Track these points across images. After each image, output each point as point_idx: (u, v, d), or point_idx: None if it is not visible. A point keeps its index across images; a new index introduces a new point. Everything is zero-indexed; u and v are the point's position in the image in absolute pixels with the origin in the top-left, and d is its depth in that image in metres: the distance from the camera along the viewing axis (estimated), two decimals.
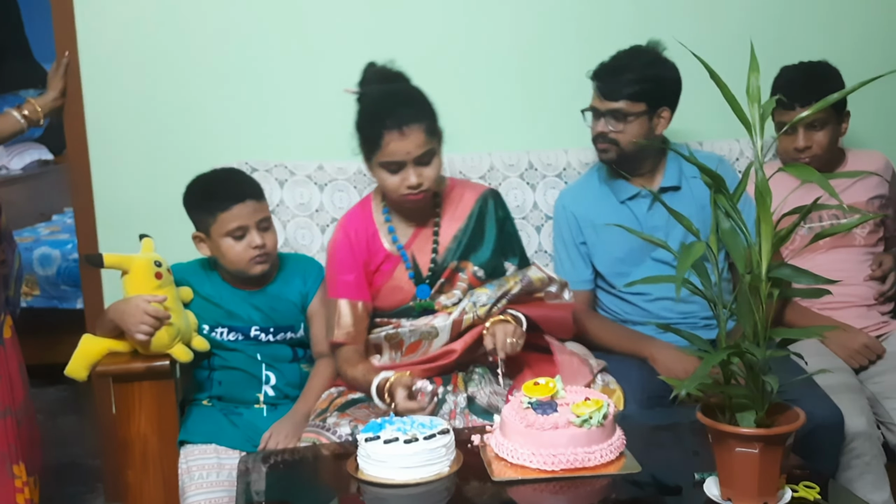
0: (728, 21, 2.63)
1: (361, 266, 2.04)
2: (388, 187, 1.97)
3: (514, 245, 2.14)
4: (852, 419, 1.95)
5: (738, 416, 1.38)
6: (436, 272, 2.05)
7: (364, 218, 2.09)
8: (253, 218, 2.05)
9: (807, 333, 1.83)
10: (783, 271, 1.37)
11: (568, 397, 1.68)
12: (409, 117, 1.91)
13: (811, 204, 1.36)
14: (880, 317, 2.30)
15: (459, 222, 2.07)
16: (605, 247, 2.28)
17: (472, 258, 2.06)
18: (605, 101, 2.18)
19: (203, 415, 2.07)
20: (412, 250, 2.05)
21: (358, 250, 2.05)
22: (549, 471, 1.56)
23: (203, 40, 2.51)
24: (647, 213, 2.23)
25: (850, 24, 2.72)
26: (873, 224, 2.35)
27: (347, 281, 2.04)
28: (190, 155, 2.48)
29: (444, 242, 2.06)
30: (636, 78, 2.14)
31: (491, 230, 2.08)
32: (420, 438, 1.59)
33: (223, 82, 2.53)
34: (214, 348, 2.10)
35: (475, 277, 2.06)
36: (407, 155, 1.92)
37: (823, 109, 2.13)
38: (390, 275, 2.05)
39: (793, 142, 2.26)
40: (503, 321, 1.95)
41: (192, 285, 2.14)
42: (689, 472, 1.54)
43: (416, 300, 2.05)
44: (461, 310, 2.02)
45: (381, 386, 1.85)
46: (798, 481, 1.46)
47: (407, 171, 1.93)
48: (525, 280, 2.03)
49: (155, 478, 2.00)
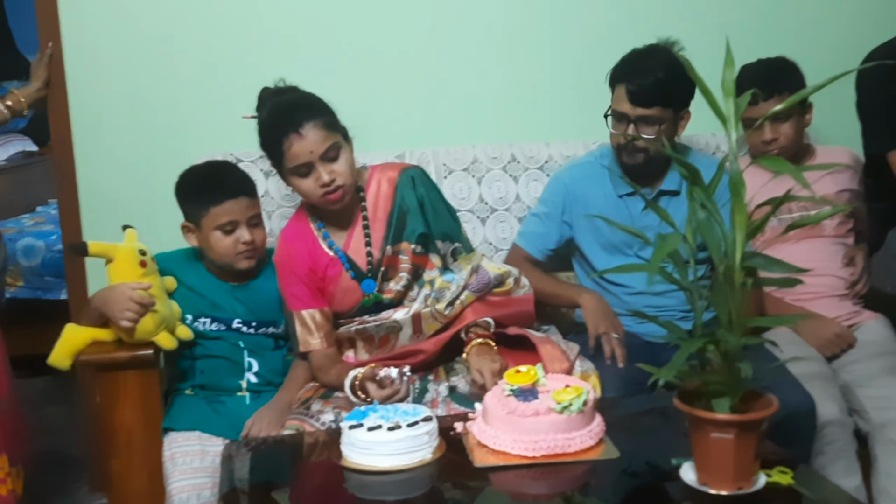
0: (701, 18, 2.66)
1: (306, 277, 2.05)
2: (305, 192, 1.97)
3: (444, 223, 2.11)
4: (825, 406, 1.99)
5: (714, 402, 1.41)
6: (374, 265, 2.06)
7: (300, 229, 2.09)
8: (245, 214, 2.06)
9: (780, 322, 1.86)
10: (756, 261, 1.40)
11: (549, 384, 1.71)
12: (304, 117, 1.92)
13: (784, 195, 1.39)
14: (852, 307, 2.35)
15: (386, 210, 2.07)
16: (595, 235, 2.30)
17: (405, 237, 2.07)
18: (636, 108, 2.12)
19: (186, 403, 2.08)
20: (350, 250, 2.06)
21: (299, 262, 2.05)
22: (530, 457, 1.59)
23: (188, 30, 2.52)
24: (642, 212, 2.24)
25: (816, 20, 2.76)
26: (843, 216, 2.39)
27: (296, 293, 2.05)
28: (175, 146, 2.50)
29: (376, 235, 2.06)
30: (667, 82, 2.09)
31: (413, 206, 2.07)
32: (403, 426, 1.60)
33: (209, 73, 2.53)
34: (197, 337, 2.11)
35: (414, 254, 2.06)
36: (311, 154, 1.92)
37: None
38: (337, 279, 2.06)
39: (760, 136, 2.30)
40: (482, 346, 1.98)
41: (177, 275, 2.15)
42: (666, 457, 1.57)
43: (366, 296, 2.06)
44: (422, 302, 2.05)
45: (353, 384, 1.89)
46: (772, 466, 1.49)
47: (317, 170, 1.93)
48: (485, 276, 2.07)
49: (139, 467, 2.00)
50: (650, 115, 2.13)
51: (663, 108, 2.12)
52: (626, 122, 2.16)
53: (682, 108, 2.17)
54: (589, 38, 2.68)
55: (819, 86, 1.40)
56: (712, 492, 1.43)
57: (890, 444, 2.06)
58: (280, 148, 1.93)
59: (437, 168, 2.50)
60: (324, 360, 2.05)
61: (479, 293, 2.07)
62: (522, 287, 2.14)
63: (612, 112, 2.21)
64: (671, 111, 2.14)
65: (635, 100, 2.12)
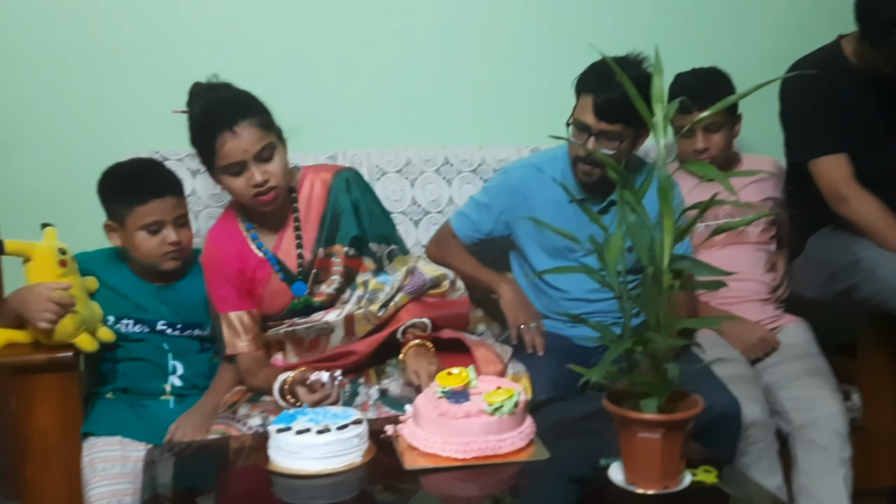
0: (634, 26, 2.70)
1: (234, 278, 2.01)
2: (236, 191, 1.94)
3: (379, 225, 2.10)
4: (748, 408, 2.03)
5: (642, 402, 1.43)
6: (305, 267, 2.03)
7: (229, 230, 2.05)
8: (171, 214, 2.01)
9: (705, 323, 1.91)
10: (684, 263, 1.43)
11: (481, 386, 1.71)
12: (239, 116, 1.89)
13: (710, 199, 1.42)
14: (774, 311, 2.42)
15: (318, 212, 2.04)
16: (538, 238, 2.28)
17: (338, 239, 2.05)
18: (600, 122, 2.06)
19: (107, 407, 2.02)
20: (280, 252, 2.03)
21: (227, 263, 2.01)
22: (460, 459, 1.59)
23: (113, 24, 2.45)
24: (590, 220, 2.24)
25: (743, 31, 2.84)
26: (766, 223, 2.47)
27: (223, 295, 2.01)
28: (98, 143, 2.42)
29: (307, 237, 2.03)
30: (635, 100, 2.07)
31: (347, 209, 2.05)
32: (333, 429, 1.59)
33: (133, 69, 2.47)
34: (119, 339, 2.05)
35: (347, 257, 2.05)
36: (245, 153, 1.89)
37: (719, 112, 2.24)
38: (266, 281, 2.03)
39: (692, 144, 2.36)
40: (420, 347, 1.97)
41: (98, 275, 2.09)
42: (595, 458, 1.58)
43: (296, 298, 2.03)
44: (355, 304, 2.03)
45: (282, 388, 1.87)
46: (697, 466, 1.52)
47: (250, 169, 1.90)
48: (420, 278, 2.06)
49: (56, 474, 1.94)
50: (612, 131, 2.07)
51: (626, 125, 2.06)
52: (587, 134, 2.10)
53: (643, 126, 2.07)
54: (524, 44, 2.70)
55: (744, 93, 1.43)
56: (639, 491, 1.45)
57: (809, 444, 2.12)
58: (212, 145, 1.89)
59: (369, 169, 2.48)
60: (251, 363, 2.01)
61: (413, 295, 2.06)
62: (458, 290, 2.14)
63: (573, 121, 2.14)
64: (633, 129, 2.09)
65: (601, 114, 2.06)
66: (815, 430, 2.12)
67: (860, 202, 2.21)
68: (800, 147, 2.34)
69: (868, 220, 2.20)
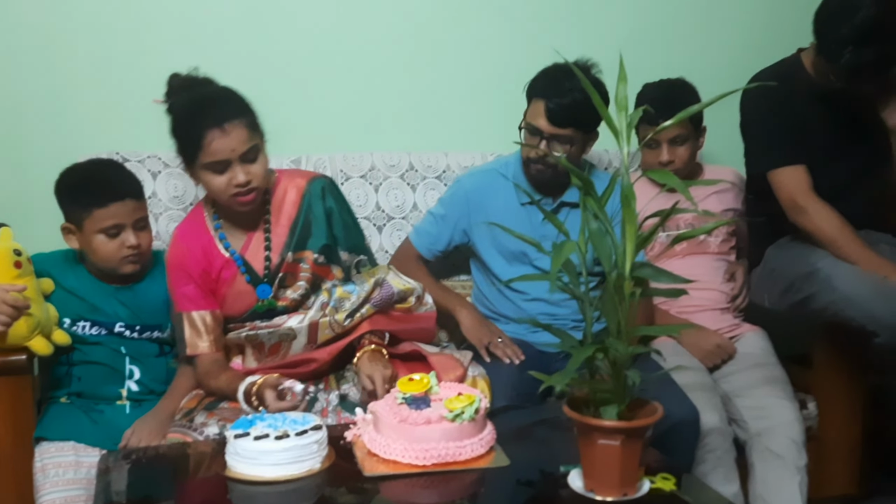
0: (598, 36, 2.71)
1: (198, 277, 1.99)
2: (216, 189, 1.92)
3: (351, 236, 2.10)
4: (706, 416, 2.05)
5: (602, 409, 1.44)
6: (272, 270, 2.02)
7: (196, 228, 2.03)
8: (130, 217, 1.98)
9: (664, 331, 1.93)
10: (645, 271, 1.44)
11: (441, 393, 1.71)
12: (230, 114, 1.88)
13: (671, 207, 1.43)
14: (732, 319, 2.44)
15: (290, 216, 2.03)
16: (494, 242, 2.31)
17: (308, 246, 2.04)
18: (551, 126, 2.13)
19: (61, 412, 1.98)
20: (247, 254, 2.02)
21: (192, 262, 1.99)
22: (420, 465, 1.58)
23: (72, 24, 2.40)
24: (543, 221, 2.26)
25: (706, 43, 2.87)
26: (726, 234, 2.50)
27: (186, 293, 1.99)
28: (55, 143, 2.38)
29: (277, 240, 2.02)
30: (585, 105, 2.04)
31: (320, 216, 2.05)
32: (292, 434, 1.57)
33: (93, 68, 2.43)
34: (75, 342, 2.01)
35: (316, 264, 2.04)
36: (232, 153, 1.87)
37: (684, 125, 2.30)
38: (231, 282, 2.01)
39: (657, 156, 2.38)
40: (374, 352, 1.96)
41: (55, 277, 2.04)
42: (555, 465, 1.58)
43: (259, 301, 2.02)
44: (318, 310, 2.02)
45: (248, 390, 1.84)
46: (656, 473, 1.53)
47: (234, 169, 1.89)
48: (388, 290, 2.05)
49: (6, 480, 1.90)
50: (564, 135, 2.15)
51: (576, 129, 2.14)
52: (538, 137, 2.17)
53: (593, 130, 2.20)
54: (489, 51, 2.70)
55: (705, 104, 1.45)
56: (598, 498, 1.45)
57: (766, 452, 2.14)
58: (200, 140, 1.86)
59: (334, 174, 2.47)
60: (211, 365, 1.98)
61: (380, 307, 2.05)
62: (425, 304, 2.14)
63: (525, 125, 2.21)
64: (583, 132, 2.17)
65: (552, 118, 2.13)
66: (772, 437, 2.14)
67: (818, 213, 2.24)
68: (759, 158, 2.37)
69: (825, 230, 2.23)
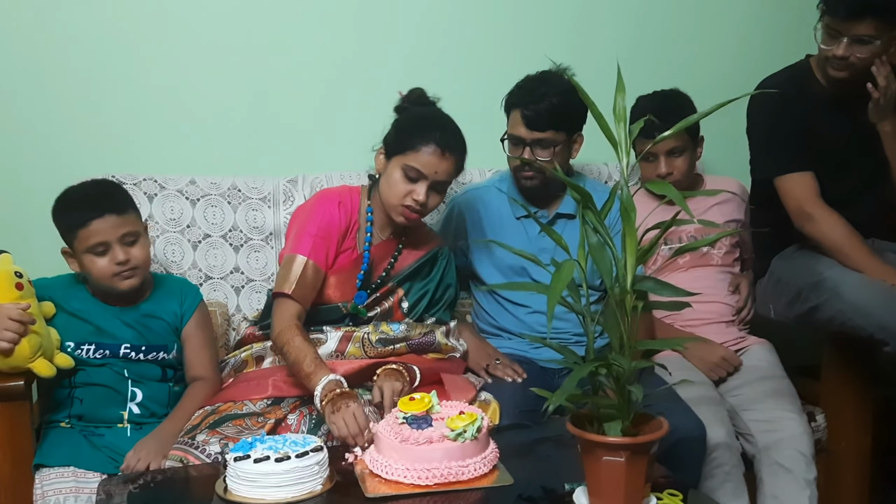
0: (593, 47, 2.72)
1: (330, 236, 2.06)
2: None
3: (443, 304, 2.21)
4: (713, 430, 2.03)
5: (606, 425, 1.41)
6: (379, 284, 2.11)
7: (353, 203, 2.13)
8: (114, 233, 1.95)
9: (669, 344, 1.90)
10: (647, 284, 1.42)
11: (443, 412, 1.69)
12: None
13: (671, 218, 1.41)
14: (738, 332, 2.42)
15: (415, 257, 2.16)
16: (490, 257, 2.32)
17: (405, 287, 2.14)
18: (531, 132, 2.19)
19: (61, 436, 1.95)
20: (373, 255, 2.10)
21: (337, 225, 2.07)
22: (423, 485, 1.56)
23: (69, 48, 2.41)
24: (539, 234, 2.27)
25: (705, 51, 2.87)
26: (730, 245, 2.48)
27: (317, 244, 2.04)
28: (53, 168, 2.38)
29: (399, 264, 2.15)
30: (561, 106, 2.16)
31: (434, 280, 2.18)
32: (292, 456, 1.56)
33: (90, 92, 2.43)
34: (78, 365, 1.99)
35: (399, 306, 2.14)
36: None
37: (681, 136, 2.29)
38: (345, 269, 2.07)
39: (655, 169, 2.36)
40: (394, 371, 1.99)
41: (57, 301, 2.03)
42: (559, 482, 1.56)
43: (352, 303, 2.08)
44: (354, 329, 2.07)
45: (338, 387, 1.83)
46: (662, 490, 1.51)
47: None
48: (431, 339, 2.12)
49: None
50: (545, 139, 2.20)
51: (557, 131, 2.19)
52: (521, 146, 2.23)
53: (575, 132, 2.25)
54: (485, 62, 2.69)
55: (705, 113, 1.43)
56: None
57: (774, 466, 2.12)
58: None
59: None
60: (301, 312, 2.00)
61: (414, 350, 2.10)
62: (457, 352, 2.18)
63: (507, 136, 2.27)
64: (565, 134, 2.21)
65: (531, 124, 2.19)
66: (780, 451, 2.11)
67: (825, 220, 2.22)
68: (766, 164, 2.35)
69: (833, 238, 2.21)
